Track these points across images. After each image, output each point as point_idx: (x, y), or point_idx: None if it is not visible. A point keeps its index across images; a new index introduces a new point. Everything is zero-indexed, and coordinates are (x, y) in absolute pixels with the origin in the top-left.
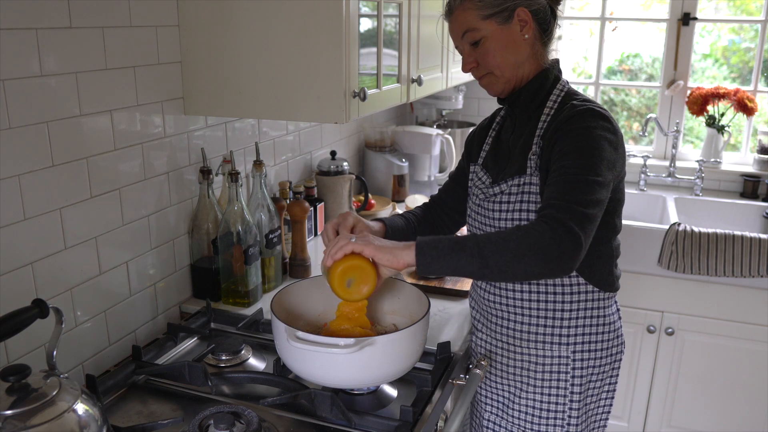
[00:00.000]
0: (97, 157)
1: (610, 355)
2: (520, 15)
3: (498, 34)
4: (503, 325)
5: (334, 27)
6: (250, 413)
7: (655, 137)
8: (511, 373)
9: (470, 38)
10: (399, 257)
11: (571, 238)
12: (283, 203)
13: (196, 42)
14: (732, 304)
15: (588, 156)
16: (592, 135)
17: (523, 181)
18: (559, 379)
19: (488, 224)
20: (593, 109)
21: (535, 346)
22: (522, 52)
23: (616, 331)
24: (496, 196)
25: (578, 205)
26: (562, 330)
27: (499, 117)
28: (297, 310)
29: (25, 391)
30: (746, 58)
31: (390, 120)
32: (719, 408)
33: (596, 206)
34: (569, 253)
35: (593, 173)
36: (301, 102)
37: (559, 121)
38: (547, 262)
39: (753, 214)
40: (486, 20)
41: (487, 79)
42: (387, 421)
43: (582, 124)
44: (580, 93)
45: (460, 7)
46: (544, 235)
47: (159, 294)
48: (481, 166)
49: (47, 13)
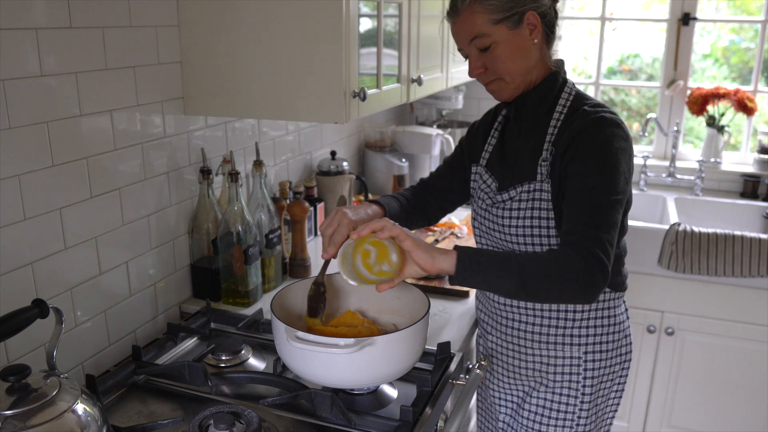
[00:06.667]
0: (97, 157)
1: (619, 354)
2: (530, 19)
3: (509, 39)
4: (514, 327)
5: (334, 27)
6: (250, 413)
7: (655, 137)
8: (523, 375)
9: (479, 44)
10: (436, 261)
11: (602, 271)
12: (283, 203)
13: (196, 42)
14: (732, 304)
15: (608, 174)
16: (609, 149)
17: (533, 187)
18: (571, 380)
19: (496, 230)
20: (606, 117)
21: (547, 348)
22: (532, 56)
23: (625, 331)
24: (505, 203)
25: (604, 233)
26: (573, 330)
27: (501, 117)
28: (297, 310)
29: (25, 391)
30: (746, 58)
31: (390, 120)
32: (719, 408)
33: (617, 227)
34: (600, 284)
35: (614, 191)
36: (301, 102)
37: (573, 131)
38: (580, 292)
39: (753, 214)
40: (496, 25)
41: (496, 84)
42: (387, 421)
43: (598, 136)
44: (588, 95)
45: (467, 10)
46: (578, 267)
47: (159, 294)
48: (485, 168)
49: (47, 13)
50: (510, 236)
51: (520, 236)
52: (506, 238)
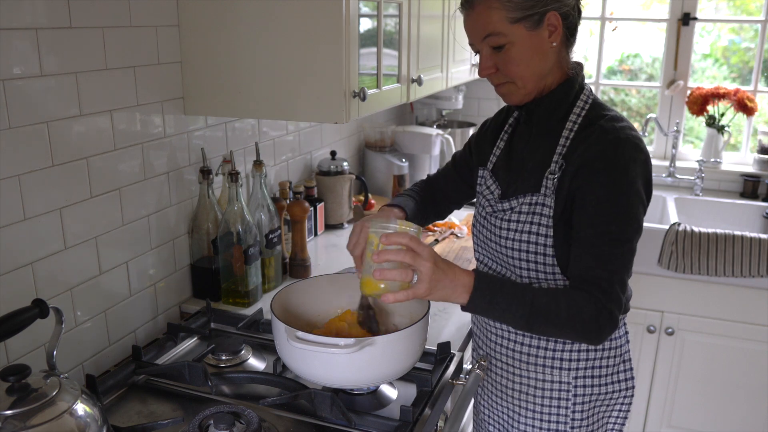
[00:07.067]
0: (97, 157)
1: (616, 382)
2: (551, 20)
3: (526, 40)
4: (502, 344)
5: (334, 27)
6: (250, 413)
7: (655, 137)
8: (510, 395)
9: (493, 42)
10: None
11: (611, 323)
12: (283, 203)
13: (196, 42)
14: (732, 304)
15: (625, 211)
16: (627, 179)
17: (536, 200)
18: (560, 406)
19: (494, 240)
20: (623, 138)
21: (535, 370)
22: (548, 60)
23: (623, 356)
24: (505, 213)
25: (618, 282)
26: (563, 354)
27: (512, 119)
28: (297, 310)
29: (25, 391)
30: (746, 58)
31: (390, 120)
32: (719, 408)
33: (630, 269)
34: (607, 334)
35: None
36: (301, 102)
37: (587, 150)
38: (585, 339)
39: (753, 214)
40: (514, 24)
41: (506, 88)
42: (387, 421)
43: (615, 162)
44: (606, 106)
45: (483, 4)
46: (590, 317)
47: (159, 294)
48: (490, 173)
49: (47, 13)
50: (505, 249)
51: (515, 250)
52: (501, 250)
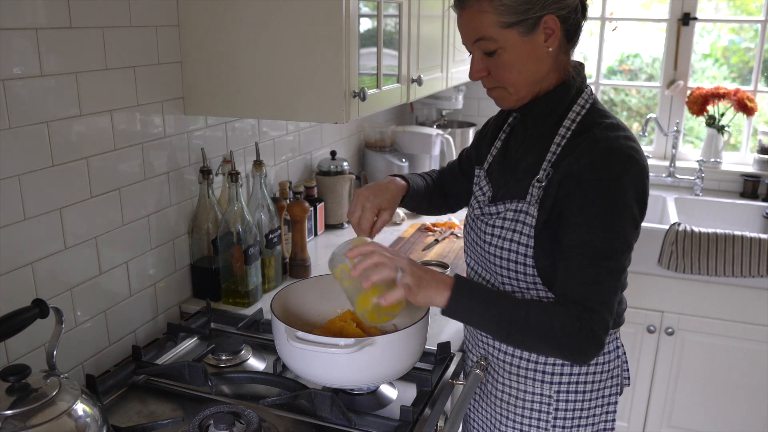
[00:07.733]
0: (97, 157)
1: (600, 397)
2: (548, 23)
3: (518, 46)
4: (487, 350)
5: (334, 27)
6: (250, 413)
7: (655, 137)
8: (493, 402)
9: (484, 47)
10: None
11: (596, 344)
12: (283, 203)
13: (196, 42)
14: (732, 304)
15: (611, 227)
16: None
17: (520, 207)
18: (540, 419)
19: (479, 244)
20: (616, 149)
21: (518, 380)
22: (543, 66)
23: (611, 372)
24: (491, 217)
25: (606, 304)
26: (546, 367)
27: (512, 119)
28: (297, 310)
29: (25, 391)
30: (746, 58)
31: (390, 120)
32: (719, 408)
33: (619, 289)
34: (591, 354)
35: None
36: (301, 102)
37: (576, 159)
38: (568, 357)
39: (753, 214)
40: (506, 29)
41: (498, 92)
42: (387, 421)
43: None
44: (605, 112)
45: (475, 6)
46: (571, 336)
47: (159, 294)
48: (485, 173)
49: (47, 13)
50: (488, 254)
51: (497, 257)
52: (485, 255)
